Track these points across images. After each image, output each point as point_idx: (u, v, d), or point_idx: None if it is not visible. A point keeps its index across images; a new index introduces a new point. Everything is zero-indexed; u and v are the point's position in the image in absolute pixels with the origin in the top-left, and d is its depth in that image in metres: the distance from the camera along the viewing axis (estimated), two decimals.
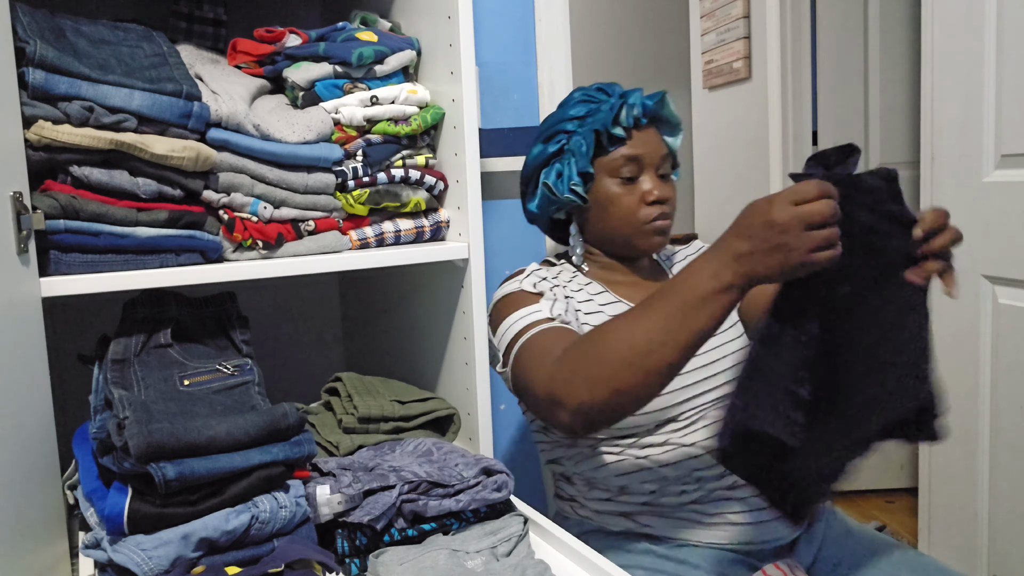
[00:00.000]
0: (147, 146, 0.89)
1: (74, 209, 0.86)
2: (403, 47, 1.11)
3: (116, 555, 0.74)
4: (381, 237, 1.09)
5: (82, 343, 1.15)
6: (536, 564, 0.85)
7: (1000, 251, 1.63)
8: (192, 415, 0.83)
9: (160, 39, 1.02)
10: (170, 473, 0.75)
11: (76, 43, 0.92)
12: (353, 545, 0.86)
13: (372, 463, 0.94)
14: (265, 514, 0.79)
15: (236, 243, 0.98)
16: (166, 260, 0.93)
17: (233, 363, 0.95)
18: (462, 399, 1.13)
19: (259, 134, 0.99)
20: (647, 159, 1.13)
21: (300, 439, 0.85)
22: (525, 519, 0.93)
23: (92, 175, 0.88)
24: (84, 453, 0.89)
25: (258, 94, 1.06)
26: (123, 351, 0.92)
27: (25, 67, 0.84)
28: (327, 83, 1.05)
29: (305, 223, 1.03)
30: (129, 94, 0.90)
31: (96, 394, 0.90)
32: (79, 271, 0.88)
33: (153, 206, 0.92)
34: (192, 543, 0.75)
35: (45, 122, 0.85)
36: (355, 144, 1.06)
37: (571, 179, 1.13)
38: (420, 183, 1.11)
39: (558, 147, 1.16)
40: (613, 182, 1.14)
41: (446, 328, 1.16)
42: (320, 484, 0.86)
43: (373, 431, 1.06)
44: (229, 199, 0.97)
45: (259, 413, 0.83)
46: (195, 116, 0.93)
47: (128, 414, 0.78)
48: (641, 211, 1.13)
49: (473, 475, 0.93)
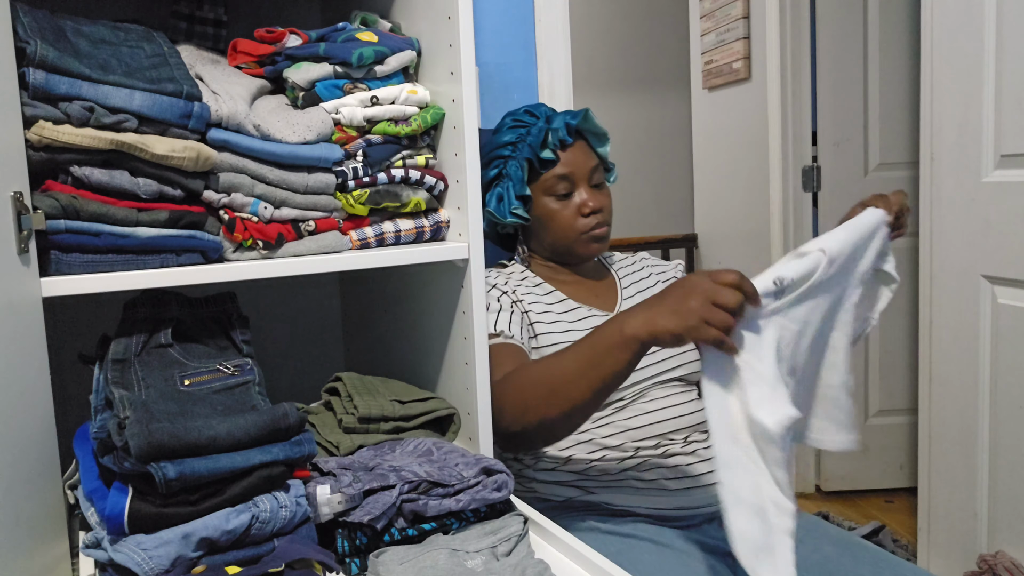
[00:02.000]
0: (148, 146, 0.90)
1: (75, 209, 0.86)
2: (403, 47, 1.11)
3: (116, 555, 0.74)
4: (381, 237, 1.09)
5: (82, 343, 1.15)
6: (536, 564, 0.85)
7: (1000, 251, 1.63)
8: (192, 415, 0.83)
9: (160, 39, 1.02)
10: (171, 473, 0.75)
11: (77, 43, 0.92)
12: (353, 545, 0.86)
13: (372, 463, 0.94)
14: (265, 514, 0.79)
15: (236, 243, 0.98)
16: (166, 260, 0.93)
17: (233, 363, 0.95)
18: (462, 399, 1.13)
19: (259, 134, 0.99)
20: (578, 174, 1.26)
21: (300, 439, 0.85)
22: (525, 519, 0.94)
23: (93, 175, 0.88)
24: (84, 453, 0.89)
25: (258, 94, 1.06)
26: (123, 351, 0.92)
27: (26, 67, 0.84)
28: (327, 83, 1.05)
29: (305, 223, 1.03)
30: (130, 94, 0.90)
31: (96, 394, 0.90)
32: (79, 271, 0.88)
33: (154, 206, 0.92)
34: (192, 543, 0.75)
35: (46, 122, 0.85)
36: (355, 144, 1.06)
37: (511, 204, 1.26)
38: (420, 183, 1.11)
39: (496, 172, 1.29)
40: (550, 199, 1.26)
41: (446, 328, 1.16)
42: (320, 484, 0.86)
43: (373, 431, 1.06)
44: (229, 199, 0.97)
45: (259, 413, 0.83)
46: (195, 116, 0.93)
47: (129, 414, 0.78)
48: (578, 222, 1.26)
49: (473, 475, 0.93)
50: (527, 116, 1.29)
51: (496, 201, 1.28)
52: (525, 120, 1.28)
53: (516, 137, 1.27)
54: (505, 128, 1.29)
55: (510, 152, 1.27)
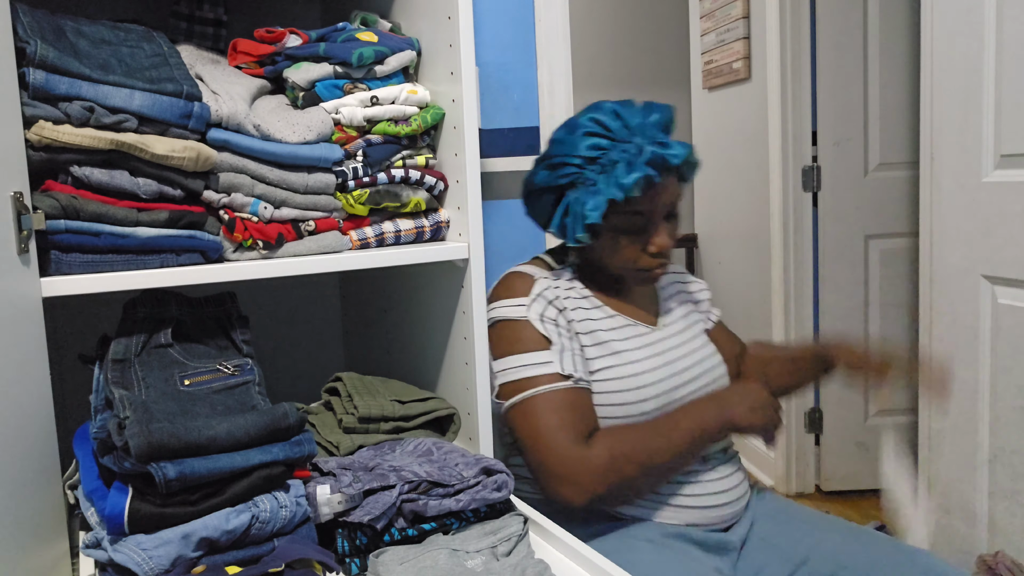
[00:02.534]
0: (147, 146, 0.90)
1: (75, 209, 0.86)
2: (403, 47, 1.11)
3: (116, 555, 0.74)
4: (381, 237, 1.09)
5: (82, 343, 1.15)
6: (536, 564, 0.85)
7: (1000, 251, 1.63)
8: (192, 415, 0.83)
9: (160, 39, 1.02)
10: (170, 473, 0.75)
11: (77, 43, 0.92)
12: (353, 545, 0.86)
13: (372, 463, 0.94)
14: (265, 514, 0.79)
15: (236, 243, 0.98)
16: (166, 260, 0.93)
17: (233, 363, 0.95)
18: (462, 399, 1.13)
19: (259, 134, 0.99)
20: (657, 212, 1.13)
21: (300, 439, 0.85)
22: (525, 519, 0.94)
23: (93, 175, 0.88)
24: (84, 453, 0.89)
25: (258, 94, 1.06)
26: (123, 351, 0.92)
27: (26, 67, 0.84)
28: (327, 83, 1.05)
29: (305, 223, 1.03)
30: (130, 94, 0.90)
31: (96, 394, 0.90)
32: (79, 271, 0.88)
33: (153, 206, 0.92)
34: (192, 543, 0.75)
35: (46, 122, 0.85)
36: (355, 144, 1.06)
37: (577, 230, 1.11)
38: (420, 183, 1.11)
39: (567, 181, 1.13)
40: (618, 231, 1.14)
41: (446, 328, 1.16)
42: (320, 484, 0.86)
43: (373, 431, 1.06)
44: (229, 199, 0.97)
45: (259, 413, 0.83)
46: (195, 116, 0.93)
47: (129, 414, 0.78)
48: (641, 260, 1.15)
49: (473, 475, 0.93)
50: (614, 120, 1.10)
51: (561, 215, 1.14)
52: (610, 129, 1.10)
53: (597, 152, 1.10)
54: (582, 132, 1.11)
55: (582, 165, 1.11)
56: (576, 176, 1.11)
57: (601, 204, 1.08)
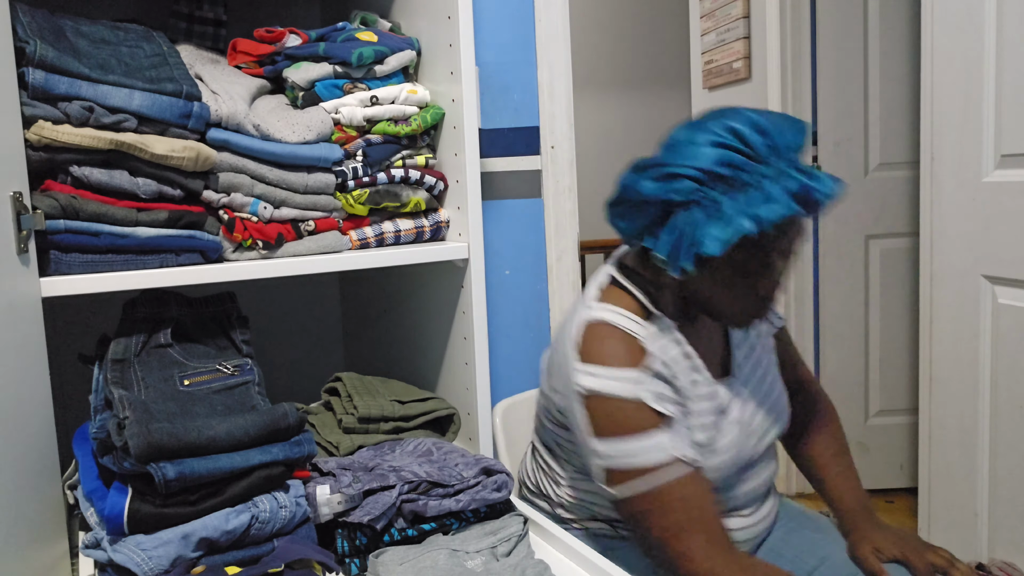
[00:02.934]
0: (147, 146, 0.89)
1: (74, 209, 0.86)
2: (403, 47, 1.11)
3: (116, 555, 0.74)
4: (381, 237, 1.09)
5: (82, 343, 1.15)
6: (536, 564, 0.85)
7: (1000, 251, 1.63)
8: (192, 415, 0.83)
9: (160, 39, 1.02)
10: (170, 473, 0.75)
11: (76, 43, 0.92)
12: (353, 545, 0.86)
13: (372, 463, 0.94)
14: (265, 514, 0.79)
15: (236, 243, 0.98)
16: (166, 260, 0.93)
17: (233, 363, 0.95)
18: (462, 399, 1.13)
19: (259, 134, 0.99)
20: (786, 252, 0.95)
21: (300, 439, 0.85)
22: (525, 519, 0.94)
23: (92, 175, 0.88)
24: (84, 453, 0.89)
25: (258, 94, 1.06)
26: (123, 351, 0.92)
27: (25, 67, 0.84)
28: (327, 83, 1.05)
29: (305, 223, 1.03)
30: (129, 94, 0.90)
31: (96, 394, 0.90)
32: (79, 271, 0.88)
33: (153, 206, 0.92)
34: (192, 543, 0.75)
35: (45, 122, 0.85)
36: (355, 144, 1.06)
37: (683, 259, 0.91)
38: (420, 183, 1.11)
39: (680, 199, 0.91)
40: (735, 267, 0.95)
41: (446, 328, 1.16)
42: (320, 484, 0.86)
43: (373, 431, 1.06)
44: (229, 199, 0.97)
45: (259, 413, 0.83)
46: (195, 116, 0.93)
47: (128, 414, 0.78)
48: (751, 304, 0.98)
49: (473, 475, 0.93)
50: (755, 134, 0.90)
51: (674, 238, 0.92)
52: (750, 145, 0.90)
53: (728, 170, 0.89)
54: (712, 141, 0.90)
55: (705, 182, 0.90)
56: (695, 193, 0.90)
57: (728, 236, 0.87)
